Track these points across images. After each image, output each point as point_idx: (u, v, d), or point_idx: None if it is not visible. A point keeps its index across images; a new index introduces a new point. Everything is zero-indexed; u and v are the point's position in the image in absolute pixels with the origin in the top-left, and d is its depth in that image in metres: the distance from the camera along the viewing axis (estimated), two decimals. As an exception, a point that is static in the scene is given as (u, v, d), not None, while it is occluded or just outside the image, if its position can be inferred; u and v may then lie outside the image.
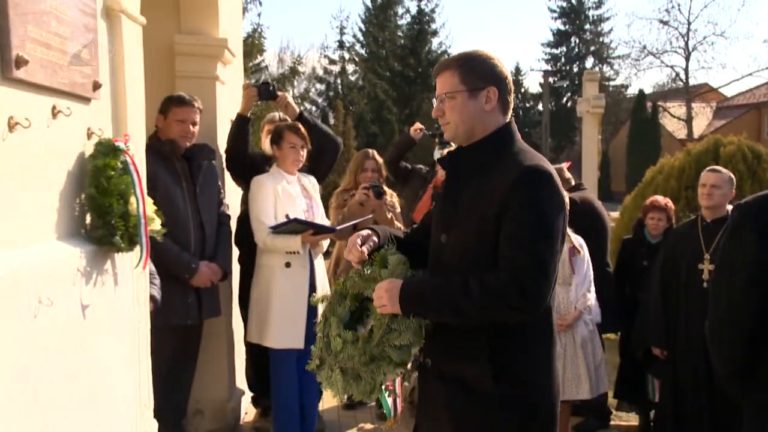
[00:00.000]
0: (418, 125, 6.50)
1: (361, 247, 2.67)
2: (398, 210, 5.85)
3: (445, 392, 2.58)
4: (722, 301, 2.75)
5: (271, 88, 5.30)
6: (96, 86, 2.83)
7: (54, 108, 2.55)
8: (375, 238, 2.73)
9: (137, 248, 3.07)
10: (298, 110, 5.41)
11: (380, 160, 5.97)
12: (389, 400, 3.08)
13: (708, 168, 5.10)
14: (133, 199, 2.94)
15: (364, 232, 2.75)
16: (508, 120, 2.62)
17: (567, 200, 2.55)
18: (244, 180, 5.26)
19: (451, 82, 2.60)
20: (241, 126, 5.18)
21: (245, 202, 5.19)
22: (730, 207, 4.84)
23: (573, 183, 6.05)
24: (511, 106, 2.65)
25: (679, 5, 46.99)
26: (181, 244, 4.47)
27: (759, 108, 40.82)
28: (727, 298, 2.71)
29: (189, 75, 5.14)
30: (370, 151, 6.09)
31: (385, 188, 5.77)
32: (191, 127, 4.58)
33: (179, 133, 4.53)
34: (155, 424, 3.61)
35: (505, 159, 2.50)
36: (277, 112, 5.76)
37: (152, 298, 3.77)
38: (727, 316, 2.72)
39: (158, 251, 3.93)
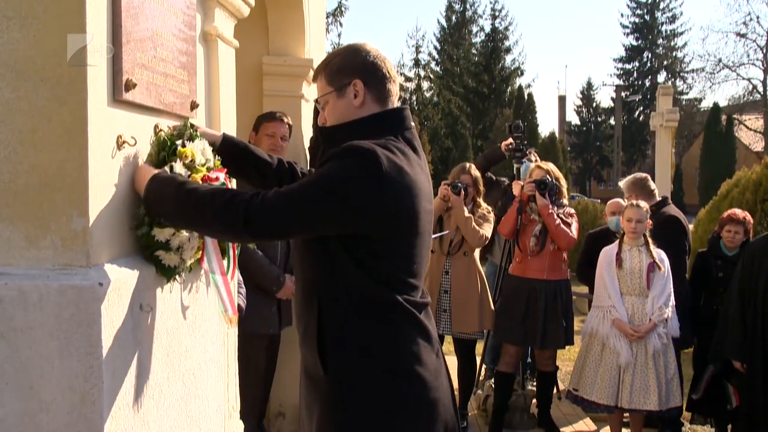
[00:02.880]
0: (510, 141, 6.64)
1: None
2: (491, 222, 5.98)
3: (301, 376, 2.53)
4: None
5: None
6: (193, 106, 2.98)
7: (156, 127, 2.69)
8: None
9: (225, 260, 3.22)
10: None
11: (476, 174, 6.11)
12: (222, 293, 2.87)
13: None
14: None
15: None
16: (387, 108, 2.49)
17: (393, 180, 2.26)
18: None
19: (321, 86, 2.53)
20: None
21: None
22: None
23: (658, 197, 6.10)
24: (390, 93, 2.51)
25: (758, 17, 46.18)
26: (270, 257, 4.62)
27: (841, 120, 39.57)
28: None
29: (276, 94, 5.33)
30: (467, 164, 6.25)
31: (481, 202, 5.97)
32: (281, 141, 4.71)
33: (269, 147, 4.60)
34: (241, 425, 3.76)
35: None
36: None
37: (238, 306, 3.93)
38: None
39: (251, 263, 4.11)
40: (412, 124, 2.53)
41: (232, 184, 3.28)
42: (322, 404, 2.38)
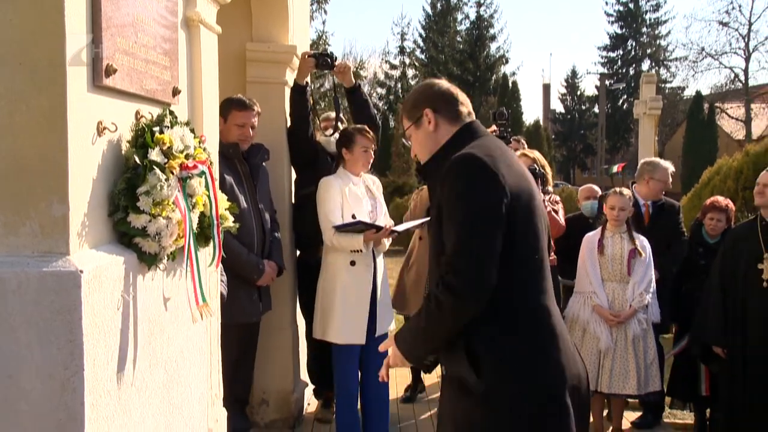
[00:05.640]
0: (494, 128, 6.64)
1: None
2: None
3: (446, 392, 2.66)
4: None
5: (329, 59, 5.35)
6: (175, 92, 2.97)
7: (138, 113, 2.68)
8: None
9: (210, 247, 3.20)
10: (354, 82, 5.59)
11: None
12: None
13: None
14: (206, 200, 2.99)
15: None
16: (460, 126, 2.73)
17: (503, 174, 2.44)
18: (297, 162, 5.46)
19: (404, 123, 2.84)
20: (298, 95, 5.28)
21: (299, 189, 5.44)
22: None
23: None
24: (462, 114, 2.74)
25: (740, 6, 46.39)
26: (247, 245, 4.59)
27: (822, 109, 39.82)
28: None
29: (260, 80, 5.30)
30: None
31: None
32: (250, 130, 4.66)
33: (239, 137, 4.60)
34: (224, 413, 3.76)
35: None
36: (332, 112, 5.89)
37: (220, 294, 3.92)
38: None
39: (229, 254, 4.09)
40: (486, 131, 2.76)
41: (215, 175, 3.27)
42: (474, 412, 2.47)
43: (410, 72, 45.57)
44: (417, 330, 2.58)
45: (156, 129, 2.68)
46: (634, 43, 52.51)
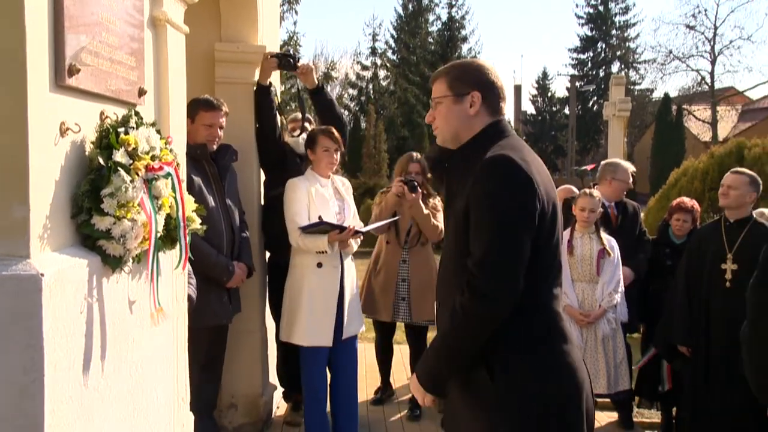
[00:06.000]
0: None
1: None
2: (441, 212, 5.98)
3: (455, 390, 2.60)
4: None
5: (291, 59, 5.33)
6: (141, 92, 2.93)
7: (102, 113, 2.64)
8: None
9: (177, 249, 3.16)
10: (317, 83, 5.56)
11: (424, 162, 6.09)
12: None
13: (732, 170, 5.16)
14: (173, 202, 2.95)
15: None
16: (494, 120, 2.67)
17: (537, 180, 2.43)
18: (265, 163, 5.44)
19: (439, 88, 2.70)
20: (262, 96, 5.27)
21: (268, 190, 5.42)
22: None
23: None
24: (502, 110, 2.70)
25: (705, 10, 47.14)
26: (216, 246, 4.56)
27: (786, 111, 40.49)
28: None
29: (228, 81, 5.26)
30: (415, 154, 6.22)
31: (430, 190, 5.95)
32: (218, 131, 4.62)
33: (207, 137, 4.56)
34: (191, 417, 3.71)
35: (484, 155, 2.50)
36: (300, 113, 5.83)
37: (189, 297, 3.88)
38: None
39: (198, 255, 4.05)
40: (513, 131, 2.73)
41: (182, 176, 3.23)
42: (483, 413, 2.46)
43: (382, 73, 45.65)
44: (440, 348, 2.53)
45: (121, 130, 2.64)
46: (603, 45, 52.97)
